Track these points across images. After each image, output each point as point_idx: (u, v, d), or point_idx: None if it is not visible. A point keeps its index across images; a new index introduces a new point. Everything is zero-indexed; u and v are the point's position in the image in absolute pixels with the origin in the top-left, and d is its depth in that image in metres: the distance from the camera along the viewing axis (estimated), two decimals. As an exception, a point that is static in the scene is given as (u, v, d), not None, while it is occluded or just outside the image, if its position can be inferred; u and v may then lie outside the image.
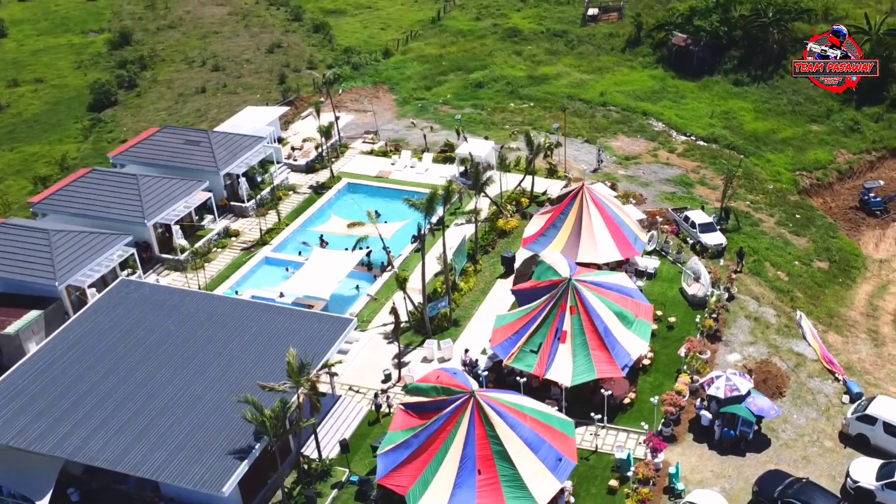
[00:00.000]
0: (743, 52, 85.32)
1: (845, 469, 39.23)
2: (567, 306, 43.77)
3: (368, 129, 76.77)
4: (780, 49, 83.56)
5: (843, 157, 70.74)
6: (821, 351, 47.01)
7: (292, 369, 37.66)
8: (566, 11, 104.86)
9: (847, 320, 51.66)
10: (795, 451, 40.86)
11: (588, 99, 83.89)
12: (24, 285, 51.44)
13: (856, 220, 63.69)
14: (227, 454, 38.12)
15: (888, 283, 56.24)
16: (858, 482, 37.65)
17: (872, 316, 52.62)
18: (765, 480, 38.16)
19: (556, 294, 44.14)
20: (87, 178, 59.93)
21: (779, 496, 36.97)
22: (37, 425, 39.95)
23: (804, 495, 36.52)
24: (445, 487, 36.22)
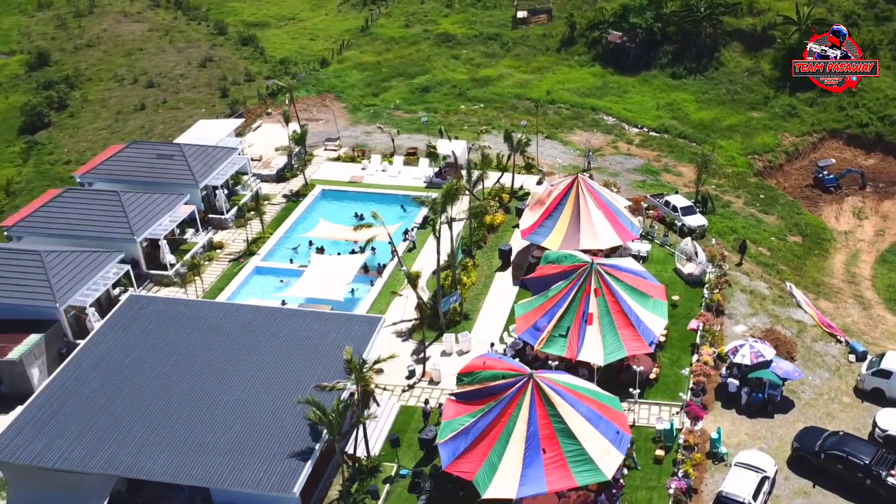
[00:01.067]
0: (677, 47, 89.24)
1: (868, 421, 42.08)
2: (591, 289, 45.31)
3: (330, 137, 76.73)
4: (712, 42, 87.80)
5: (788, 140, 75.17)
6: (818, 317, 50.12)
7: (354, 366, 37.76)
8: (495, 15, 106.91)
9: (832, 288, 55.20)
10: (818, 409, 43.54)
11: (535, 98, 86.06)
12: (20, 309, 49.52)
13: (813, 196, 67.84)
14: (287, 456, 37.96)
15: (857, 251, 60.30)
16: (887, 430, 40.48)
17: (853, 282, 56.41)
18: (803, 437, 40.57)
19: (581, 278, 45.54)
20: (64, 198, 57.98)
21: (820, 449, 39.38)
22: (80, 445, 38.82)
23: (846, 446, 39.10)
24: (514, 469, 37.03)
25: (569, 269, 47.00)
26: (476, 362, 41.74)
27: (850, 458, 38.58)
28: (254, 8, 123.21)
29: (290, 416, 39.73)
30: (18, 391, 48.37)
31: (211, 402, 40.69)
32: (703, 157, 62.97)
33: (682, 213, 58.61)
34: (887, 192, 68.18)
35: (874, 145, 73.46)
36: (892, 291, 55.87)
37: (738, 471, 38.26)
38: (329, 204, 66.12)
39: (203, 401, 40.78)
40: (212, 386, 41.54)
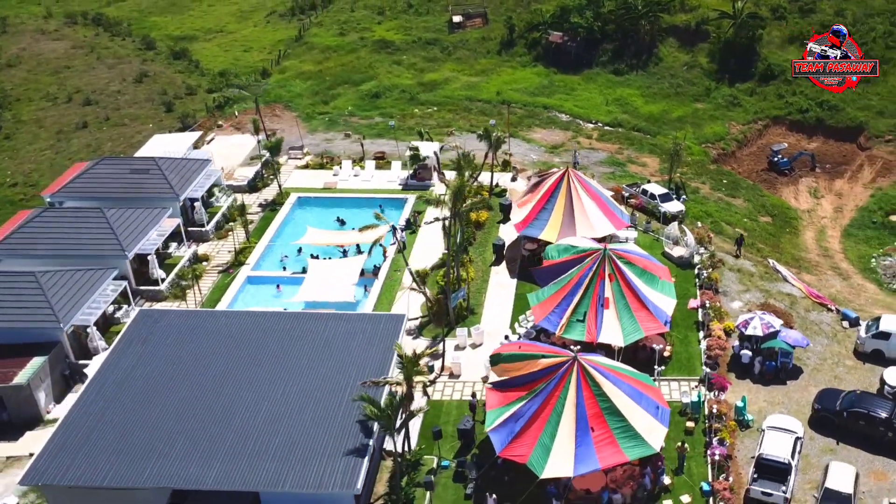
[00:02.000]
0: (617, 45, 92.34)
1: (872, 380, 45.04)
2: (605, 274, 46.92)
3: (293, 146, 76.35)
4: (650, 39, 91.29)
5: (736, 128, 78.96)
6: (805, 289, 53.16)
7: (408, 360, 38.21)
8: (429, 21, 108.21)
9: (810, 262, 58.51)
10: (825, 373, 46.29)
11: (487, 99, 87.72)
12: (19, 332, 47.88)
13: (770, 179, 71.55)
14: (342, 455, 38.05)
15: (823, 228, 64.03)
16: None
17: (827, 255, 59.92)
18: (822, 398, 43.13)
19: (594, 264, 47.10)
20: (43, 218, 56.21)
21: (841, 408, 41.97)
22: (125, 462, 37.96)
23: (865, 402, 41.83)
24: (568, 449, 38.14)
25: (579, 257, 48.36)
26: (510, 347, 42.65)
27: (870, 413, 41.26)
28: (177, 22, 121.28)
29: (335, 416, 39.87)
30: (25, 416, 46.86)
31: (251, 409, 40.36)
32: (675, 145, 65.55)
33: (660, 200, 60.96)
34: (836, 172, 72.47)
35: (815, 129, 77.90)
36: (864, 262, 59.61)
37: (772, 434, 40.39)
38: (308, 211, 65.81)
39: (243, 408, 40.42)
40: (249, 392, 41.19)
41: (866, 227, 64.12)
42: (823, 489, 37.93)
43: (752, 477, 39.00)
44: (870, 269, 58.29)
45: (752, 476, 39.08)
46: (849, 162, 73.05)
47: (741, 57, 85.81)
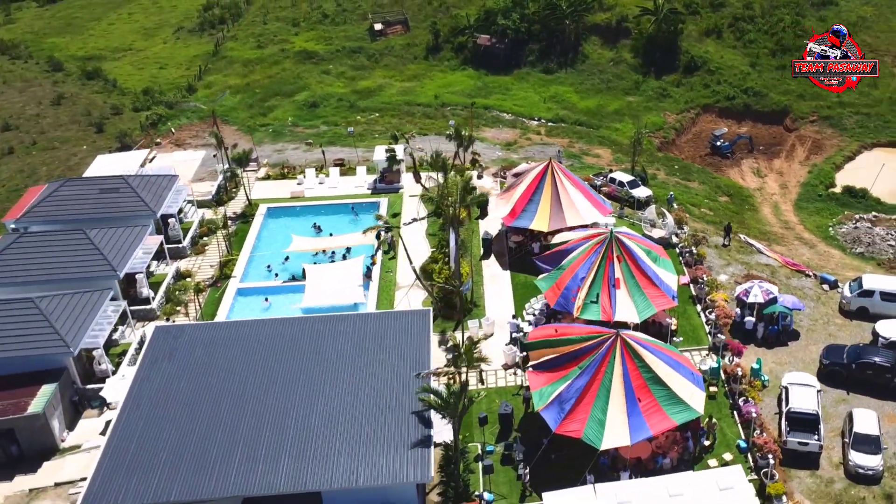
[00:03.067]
0: (543, 45, 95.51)
1: (862, 335, 48.97)
2: (614, 256, 49.11)
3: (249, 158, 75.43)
4: (575, 38, 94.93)
5: (671, 117, 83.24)
6: (781, 258, 57.02)
7: (468, 349, 39.16)
8: (348, 30, 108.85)
9: (775, 234, 62.62)
10: (819, 332, 49.99)
11: (426, 103, 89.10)
12: (22, 361, 45.99)
13: (714, 163, 75.89)
14: (407, 447, 38.54)
15: (776, 203, 68.52)
16: (889, 337, 47.36)
17: (789, 228, 64.23)
18: (829, 353, 46.65)
19: (601, 245, 49.24)
20: (19, 244, 53.89)
21: (849, 361, 45.55)
22: (189, 475, 37.35)
23: (871, 353, 45.53)
24: (621, 420, 39.95)
25: (582, 240, 50.40)
26: (545, 331, 44.13)
27: (877, 362, 44.93)
28: (79, 42, 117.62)
29: (388, 410, 40.32)
30: (38, 447, 45.14)
31: (303, 411, 40.36)
32: (637, 134, 68.73)
33: (628, 186, 63.90)
34: (772, 152, 77.60)
35: (743, 115, 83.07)
36: (823, 231, 64.28)
37: (795, 389, 43.46)
38: (280, 221, 65.47)
39: (295, 410, 40.38)
40: (296, 395, 41.18)
41: (814, 199, 69.11)
42: (853, 434, 41.12)
43: (786, 430, 41.75)
44: (830, 237, 62.96)
45: (785, 429, 41.84)
46: (781, 143, 78.34)
47: (665, 51, 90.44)
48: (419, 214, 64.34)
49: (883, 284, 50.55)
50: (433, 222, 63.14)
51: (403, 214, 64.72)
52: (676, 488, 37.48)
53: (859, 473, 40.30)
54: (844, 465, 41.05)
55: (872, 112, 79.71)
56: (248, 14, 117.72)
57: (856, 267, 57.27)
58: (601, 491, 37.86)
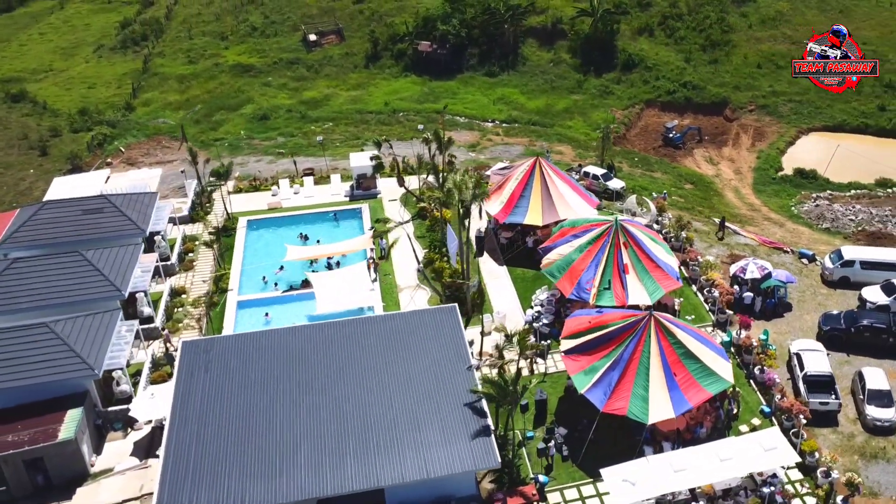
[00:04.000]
0: (482, 49, 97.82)
1: (848, 302, 53.01)
2: (620, 243, 51.58)
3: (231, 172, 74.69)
4: (513, 41, 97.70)
5: (618, 113, 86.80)
6: (758, 238, 60.78)
7: (522, 337, 40.66)
8: (281, 42, 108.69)
9: (745, 217, 66.49)
10: (810, 301, 53.77)
11: (377, 110, 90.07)
12: (44, 387, 44.90)
13: (669, 153, 79.71)
14: (468, 437, 39.71)
15: (736, 188, 72.62)
16: (876, 301, 51.47)
17: (756, 209, 68.25)
18: (826, 320, 50.34)
19: (608, 235, 51.63)
20: (13, 270, 52.19)
21: (847, 324, 49.30)
22: (258, 482, 37.53)
23: (867, 316, 49.42)
24: (663, 395, 42.25)
25: (586, 228, 52.69)
26: (579, 323, 45.99)
27: (874, 325, 48.80)
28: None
29: (441, 403, 41.37)
30: (69, 474, 44.12)
31: (356, 411, 40.90)
32: (605, 129, 71.63)
33: (602, 179, 66.70)
34: (719, 141, 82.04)
35: (685, 108, 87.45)
36: (787, 210, 68.63)
37: (808, 354, 46.78)
38: (263, 232, 65.38)
39: (348, 411, 40.91)
40: (345, 397, 41.72)
41: (769, 183, 73.63)
42: (867, 390, 44.64)
43: (806, 392, 44.96)
44: (796, 216, 67.35)
45: (805, 392, 45.04)
46: (726, 132, 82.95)
47: (602, 50, 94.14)
48: (403, 218, 65.27)
49: (861, 254, 54.79)
50: (418, 224, 64.24)
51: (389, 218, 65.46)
52: (725, 453, 39.93)
53: (876, 426, 43.81)
54: (862, 420, 44.45)
55: (803, 99, 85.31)
56: (171, 30, 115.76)
57: (825, 241, 61.60)
58: (656, 462, 39.95)
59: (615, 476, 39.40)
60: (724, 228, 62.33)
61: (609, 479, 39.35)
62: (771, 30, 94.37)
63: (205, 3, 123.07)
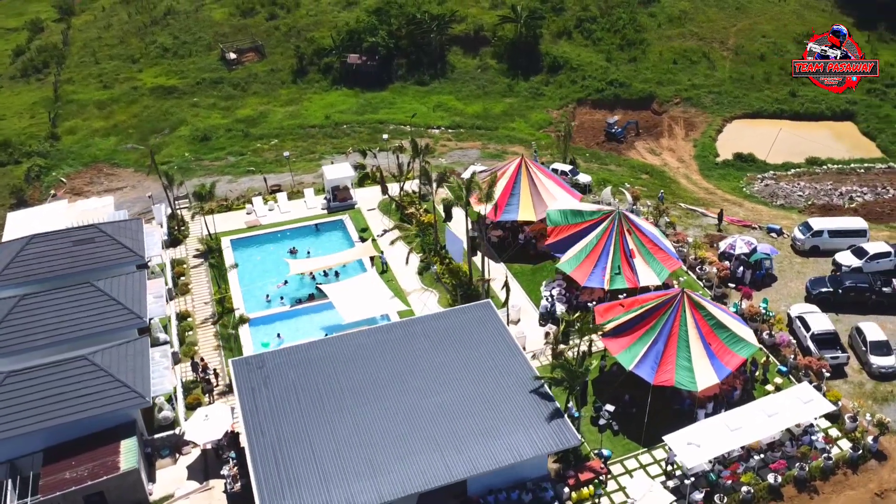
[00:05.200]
0: (410, 59, 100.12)
1: (823, 267, 58.58)
2: (625, 230, 55.29)
3: (178, 196, 73.87)
4: (440, 50, 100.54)
5: (554, 113, 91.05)
6: (726, 218, 65.88)
7: (586, 322, 43.36)
8: (198, 61, 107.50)
9: (705, 200, 71.55)
10: (790, 270, 59.07)
11: (319, 124, 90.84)
12: (92, 420, 44.26)
13: (614, 148, 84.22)
14: (543, 420, 41.98)
15: (686, 175, 77.86)
16: (850, 265, 57.24)
17: (712, 193, 73.49)
18: (813, 284, 55.62)
19: (613, 224, 55.21)
20: (24, 306, 50.57)
21: (833, 287, 54.70)
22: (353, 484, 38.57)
23: (851, 278, 54.99)
24: (706, 363, 45.96)
25: (594, 222, 56.10)
26: (610, 309, 49.11)
27: (858, 285, 54.41)
28: None
29: (507, 392, 43.52)
30: (130, 503, 43.71)
31: (430, 406, 42.41)
32: (567, 127, 75.32)
33: (571, 174, 70.46)
34: (654, 133, 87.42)
35: (614, 104, 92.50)
36: (741, 192, 74.26)
37: (810, 316, 51.71)
38: (250, 250, 65.48)
39: (420, 407, 42.44)
40: (414, 394, 43.26)
41: (713, 168, 79.36)
42: (869, 342, 49.89)
43: (816, 350, 49.81)
44: (750, 196, 73.08)
45: (815, 349, 49.89)
46: (659, 124, 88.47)
47: (527, 54, 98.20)
48: (388, 226, 66.78)
49: (828, 224, 60.73)
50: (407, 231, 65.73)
51: (372, 227, 66.80)
52: (771, 409, 44.00)
53: (881, 373, 49.10)
54: (867, 369, 49.65)
55: (721, 90, 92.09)
56: (73, 56, 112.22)
57: (783, 216, 67.44)
58: (712, 424, 43.51)
59: (680, 441, 42.61)
60: (721, 220, 66.01)
61: (674, 444, 42.52)
62: (679, 28, 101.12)
63: (103, 27, 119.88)
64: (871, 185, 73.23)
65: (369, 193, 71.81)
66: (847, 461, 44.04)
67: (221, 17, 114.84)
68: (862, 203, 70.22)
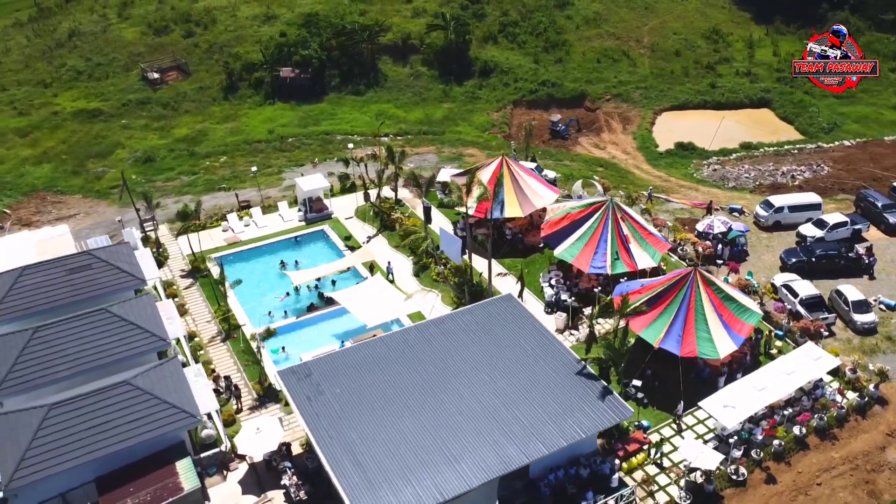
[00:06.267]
0: (343, 70, 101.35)
1: (791, 239, 63.94)
2: (618, 218, 58.86)
3: (145, 218, 72.67)
4: (371, 60, 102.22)
5: (495, 115, 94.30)
6: (688, 202, 70.67)
7: (625, 303, 46.36)
8: (118, 83, 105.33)
9: (663, 187, 76.10)
10: (760, 245, 64.07)
11: (263, 139, 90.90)
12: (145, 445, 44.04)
13: (560, 145, 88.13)
14: (595, 398, 44.56)
15: (636, 164, 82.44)
16: (814, 235, 62.82)
17: (667, 179, 78.18)
18: (788, 255, 60.76)
19: (607, 213, 58.67)
20: (39, 339, 49.12)
21: (807, 256, 59.96)
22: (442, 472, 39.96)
23: (821, 247, 60.34)
24: (723, 333, 49.77)
25: (587, 212, 59.38)
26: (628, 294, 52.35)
27: (828, 252, 59.90)
28: None
29: (555, 376, 45.81)
30: (193, 523, 43.75)
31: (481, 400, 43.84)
32: (529, 127, 78.38)
33: (536, 171, 73.68)
34: (594, 129, 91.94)
35: (548, 104, 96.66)
36: (691, 177, 79.29)
37: (796, 283, 56.59)
38: (237, 267, 65.48)
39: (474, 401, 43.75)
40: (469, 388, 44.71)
41: (659, 158, 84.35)
42: (851, 302, 55.17)
43: (806, 313, 54.70)
44: (702, 181, 78.22)
45: (805, 313, 54.77)
46: (596, 121, 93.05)
47: (458, 60, 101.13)
48: (372, 232, 68.14)
49: (787, 201, 66.32)
50: (390, 235, 67.41)
51: (355, 236, 67.94)
52: (787, 368, 48.30)
53: (865, 328, 54.44)
54: (852, 326, 54.89)
55: (647, 85, 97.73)
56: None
57: (738, 197, 72.81)
58: (740, 387, 47.37)
59: (715, 404, 46.23)
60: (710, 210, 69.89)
61: (711, 408, 46.09)
62: (596, 28, 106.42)
63: (2, 51, 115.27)
64: (807, 164, 79.91)
65: (343, 202, 72.76)
66: (856, 409, 48.69)
67: (134, 37, 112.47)
68: (804, 180, 76.52)
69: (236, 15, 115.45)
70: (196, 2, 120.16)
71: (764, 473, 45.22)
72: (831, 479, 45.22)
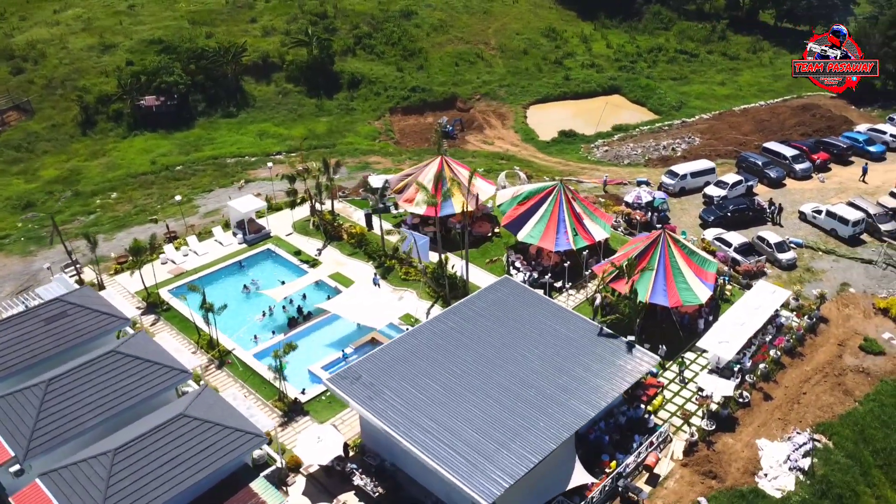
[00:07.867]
0: (208, 93, 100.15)
1: (698, 199, 72.79)
2: (569, 198, 64.67)
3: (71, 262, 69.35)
4: (235, 81, 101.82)
5: (377, 124, 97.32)
6: (600, 181, 77.92)
7: (632, 265, 51.90)
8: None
9: (567, 171, 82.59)
10: (677, 209, 72.19)
11: (149, 171, 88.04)
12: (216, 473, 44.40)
13: (453, 145, 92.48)
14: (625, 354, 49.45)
15: (531, 153, 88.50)
16: (718, 195, 71.92)
17: (566, 164, 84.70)
18: (706, 213, 69.37)
19: (560, 195, 64.28)
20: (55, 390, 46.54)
21: (722, 212, 68.86)
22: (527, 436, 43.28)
23: (733, 203, 69.50)
24: (698, 284, 56.43)
25: (541, 197, 64.70)
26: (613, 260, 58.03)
27: (739, 207, 69.12)
28: None
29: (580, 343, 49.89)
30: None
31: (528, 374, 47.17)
32: (442, 128, 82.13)
33: (465, 169, 78.02)
34: (474, 127, 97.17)
35: (423, 108, 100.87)
36: (587, 160, 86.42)
37: (726, 234, 65.02)
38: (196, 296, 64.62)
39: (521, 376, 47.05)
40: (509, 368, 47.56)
41: (547, 146, 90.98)
42: (773, 244, 64.43)
43: (741, 258, 63.21)
44: (600, 161, 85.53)
45: (742, 258, 63.25)
46: (474, 119, 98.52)
47: (324, 74, 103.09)
48: (319, 244, 69.59)
49: (687, 168, 75.27)
50: (342, 245, 69.16)
51: (305, 249, 69.04)
52: (753, 303, 56.24)
53: (788, 264, 63.80)
54: (778, 264, 64.04)
55: (510, 83, 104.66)
56: None
57: (637, 172, 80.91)
58: (724, 324, 54.51)
59: (711, 341, 53.06)
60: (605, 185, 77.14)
61: (709, 344, 52.88)
62: (444, 34, 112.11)
63: None
64: (680, 137, 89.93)
65: (275, 220, 73.19)
66: (807, 329, 57.42)
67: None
68: (685, 150, 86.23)
69: (67, 47, 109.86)
70: (12, 37, 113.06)
71: (760, 393, 52.36)
72: (812, 387, 53.30)
